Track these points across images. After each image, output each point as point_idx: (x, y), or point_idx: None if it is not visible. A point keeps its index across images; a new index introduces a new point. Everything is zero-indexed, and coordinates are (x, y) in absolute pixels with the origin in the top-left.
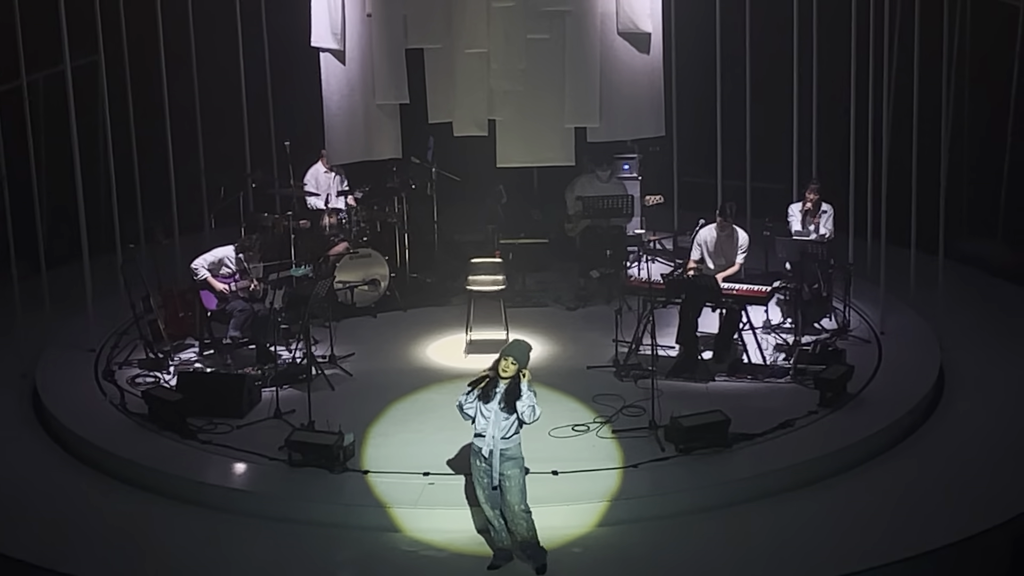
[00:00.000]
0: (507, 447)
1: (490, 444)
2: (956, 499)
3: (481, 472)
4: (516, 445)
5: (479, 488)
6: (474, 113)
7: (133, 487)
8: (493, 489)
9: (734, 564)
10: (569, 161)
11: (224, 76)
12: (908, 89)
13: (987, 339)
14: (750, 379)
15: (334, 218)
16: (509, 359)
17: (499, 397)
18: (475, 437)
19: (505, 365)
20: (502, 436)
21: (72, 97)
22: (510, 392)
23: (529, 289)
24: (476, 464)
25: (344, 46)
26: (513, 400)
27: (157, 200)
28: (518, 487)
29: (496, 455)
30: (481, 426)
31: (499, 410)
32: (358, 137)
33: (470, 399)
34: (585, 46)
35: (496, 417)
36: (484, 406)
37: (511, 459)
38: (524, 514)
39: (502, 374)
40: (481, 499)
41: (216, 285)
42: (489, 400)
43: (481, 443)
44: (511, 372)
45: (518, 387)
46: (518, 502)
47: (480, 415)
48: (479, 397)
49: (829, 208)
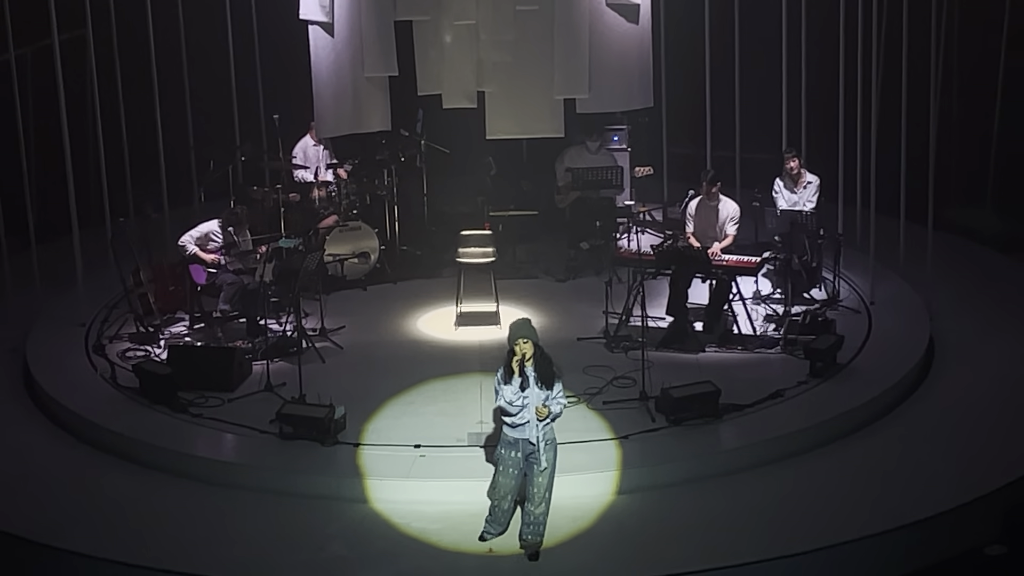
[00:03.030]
0: (546, 429)
1: (535, 431)
2: (946, 468)
3: (513, 463)
4: (551, 427)
5: (506, 477)
6: (463, 85)
7: (124, 460)
8: (543, 470)
9: (725, 534)
10: (558, 133)
11: (213, 49)
12: (897, 57)
13: (976, 309)
14: (740, 350)
15: (324, 191)
16: (522, 341)
17: (532, 380)
18: (510, 428)
19: (522, 348)
20: (541, 420)
21: (60, 71)
22: (541, 371)
23: (519, 261)
24: (510, 455)
25: (333, 19)
26: (550, 377)
27: (146, 174)
28: (551, 470)
29: (542, 441)
30: (523, 415)
31: (538, 391)
32: (347, 110)
33: (514, 391)
34: (574, 17)
35: (535, 401)
36: (523, 394)
37: (549, 441)
38: (548, 493)
39: (524, 358)
40: (506, 487)
41: (205, 257)
42: (525, 387)
43: (519, 433)
44: (531, 351)
45: (547, 362)
46: (547, 482)
47: (523, 403)
48: (520, 387)
49: (815, 179)
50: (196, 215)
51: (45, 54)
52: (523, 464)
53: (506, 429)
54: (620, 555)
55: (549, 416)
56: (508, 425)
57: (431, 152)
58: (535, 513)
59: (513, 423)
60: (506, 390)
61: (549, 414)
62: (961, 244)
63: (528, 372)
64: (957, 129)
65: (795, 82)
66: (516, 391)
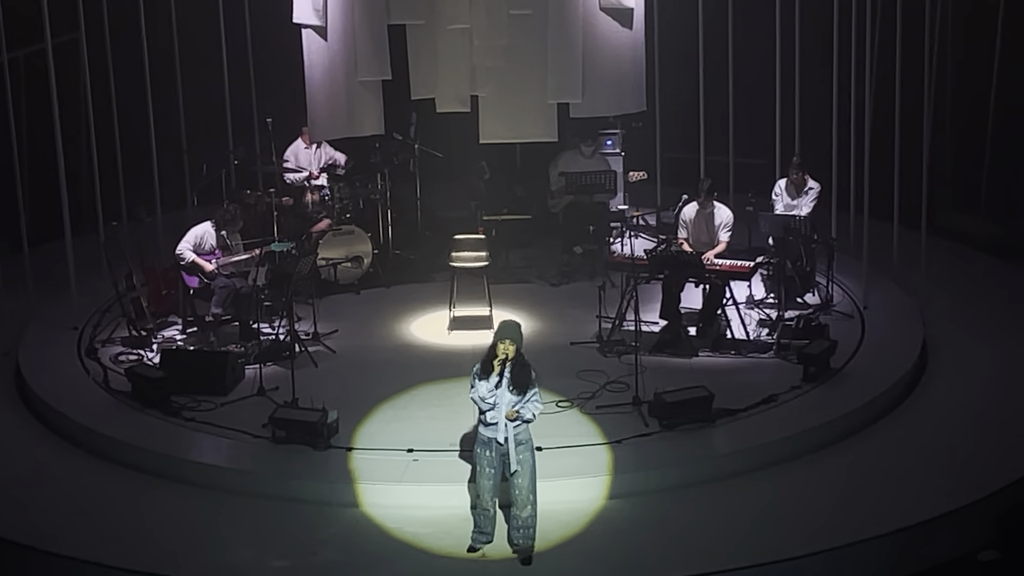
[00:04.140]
0: (519, 431)
1: (504, 431)
2: (939, 473)
3: (489, 461)
4: (526, 428)
5: (483, 477)
6: (457, 89)
7: (116, 465)
8: (512, 475)
9: (718, 539)
10: (552, 137)
11: (206, 53)
12: (891, 62)
13: (970, 314)
14: (733, 354)
15: (317, 195)
16: (506, 342)
17: (506, 382)
18: (483, 427)
19: (504, 348)
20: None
21: (53, 75)
22: (517, 375)
23: (512, 265)
24: (485, 454)
25: (326, 22)
26: (524, 382)
27: (139, 178)
28: (530, 471)
29: (512, 441)
30: (492, 415)
31: (509, 394)
32: (340, 113)
33: (490, 387)
34: (568, 21)
35: (504, 403)
36: (495, 393)
37: (522, 443)
38: (532, 495)
39: (504, 358)
40: (485, 488)
41: (205, 267)
42: (498, 387)
43: (492, 432)
44: (512, 353)
45: (525, 368)
46: (528, 484)
47: (494, 401)
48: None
49: (816, 185)
50: (189, 219)
51: (38, 57)
52: (497, 464)
53: (480, 428)
54: (613, 560)
55: (519, 419)
56: (482, 424)
57: (424, 156)
58: (521, 517)
59: (485, 421)
60: (480, 386)
61: (518, 417)
62: (955, 249)
63: (505, 374)
64: (951, 133)
65: (789, 87)
66: (491, 388)
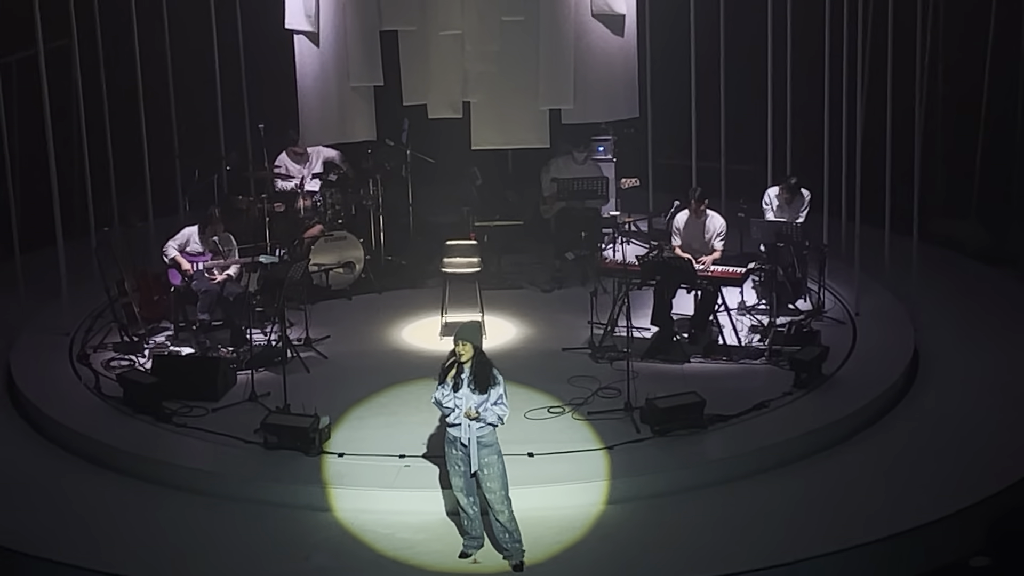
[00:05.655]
0: (482, 434)
1: (466, 432)
2: (930, 480)
3: (456, 460)
4: (490, 431)
5: (454, 476)
6: (449, 95)
7: (108, 470)
8: (472, 476)
9: (710, 545)
10: (543, 143)
11: (198, 58)
12: (883, 69)
13: (961, 320)
14: (725, 360)
15: (308, 201)
16: (462, 342)
17: (466, 382)
18: (449, 427)
19: (461, 349)
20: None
21: (45, 80)
22: (477, 374)
23: (504, 271)
24: (452, 453)
25: (318, 28)
26: (485, 383)
27: (131, 183)
28: (499, 474)
29: (474, 443)
30: (455, 416)
31: (470, 394)
32: (332, 119)
33: (446, 391)
34: (559, 28)
35: (467, 404)
36: (455, 395)
37: (487, 446)
38: (506, 500)
39: (461, 359)
40: (457, 487)
41: (183, 264)
42: (458, 388)
43: (456, 432)
44: (469, 354)
45: (485, 368)
46: (499, 488)
47: (454, 404)
48: (453, 387)
49: (807, 194)
50: (181, 224)
51: (30, 63)
52: (465, 462)
53: (448, 427)
54: (606, 566)
55: (479, 420)
56: (448, 423)
57: (416, 162)
58: (500, 520)
59: (449, 422)
60: (439, 390)
61: (478, 417)
62: (946, 255)
63: (464, 375)
64: (942, 140)
65: (780, 93)
66: (448, 391)
